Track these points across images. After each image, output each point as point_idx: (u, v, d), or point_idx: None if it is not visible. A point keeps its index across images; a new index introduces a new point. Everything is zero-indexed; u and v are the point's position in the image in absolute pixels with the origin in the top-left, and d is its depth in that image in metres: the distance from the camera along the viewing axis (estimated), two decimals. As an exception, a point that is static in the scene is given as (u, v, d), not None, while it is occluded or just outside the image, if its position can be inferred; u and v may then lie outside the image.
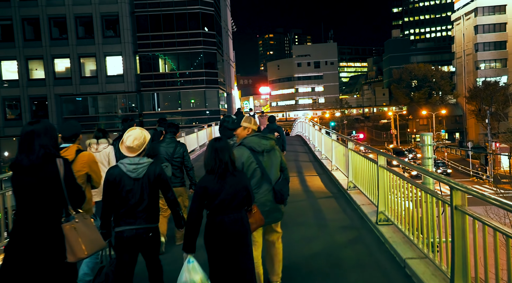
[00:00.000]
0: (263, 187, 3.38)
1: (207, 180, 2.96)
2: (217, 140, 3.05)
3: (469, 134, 57.73)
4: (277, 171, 3.49)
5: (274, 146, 3.52)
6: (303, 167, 11.18)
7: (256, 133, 3.55)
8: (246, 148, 3.40)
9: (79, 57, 36.42)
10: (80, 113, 36.92)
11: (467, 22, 56.93)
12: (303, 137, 19.17)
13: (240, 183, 3.00)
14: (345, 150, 8.02)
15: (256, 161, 3.36)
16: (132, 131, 3.10)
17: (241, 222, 2.96)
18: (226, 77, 44.58)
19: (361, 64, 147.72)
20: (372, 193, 5.91)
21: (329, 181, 8.94)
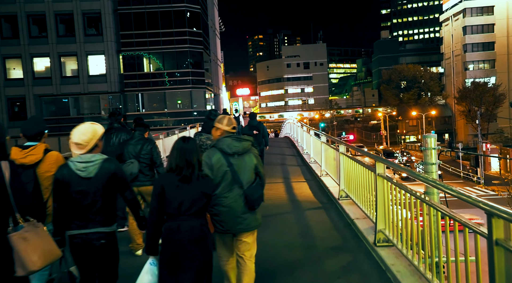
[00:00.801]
0: (233, 191, 3.17)
1: (167, 178, 2.77)
2: (186, 141, 2.85)
3: (458, 135, 57.64)
4: (251, 174, 3.24)
5: (248, 148, 3.26)
6: (290, 172, 10.23)
7: (230, 135, 3.30)
8: (217, 149, 3.22)
9: (60, 56, 35.37)
10: (61, 115, 35.79)
11: (455, 23, 56.89)
12: (292, 139, 18.26)
13: (202, 188, 2.80)
14: (335, 154, 7.09)
15: (227, 163, 3.17)
16: (80, 126, 2.90)
17: (200, 229, 2.76)
18: (213, 77, 43.70)
19: (350, 66, 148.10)
20: (368, 206, 4.98)
21: (318, 189, 7.99)
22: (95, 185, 2.78)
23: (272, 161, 12.19)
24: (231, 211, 3.15)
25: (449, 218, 2.87)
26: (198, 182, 2.80)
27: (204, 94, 37.45)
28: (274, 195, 7.56)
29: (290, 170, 10.59)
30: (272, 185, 8.50)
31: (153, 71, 36.57)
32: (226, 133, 3.32)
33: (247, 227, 3.21)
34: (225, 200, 3.15)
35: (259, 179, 3.30)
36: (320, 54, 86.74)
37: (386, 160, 4.35)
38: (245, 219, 3.18)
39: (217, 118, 3.42)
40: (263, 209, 3.58)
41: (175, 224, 2.73)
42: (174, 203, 2.73)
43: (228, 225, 3.15)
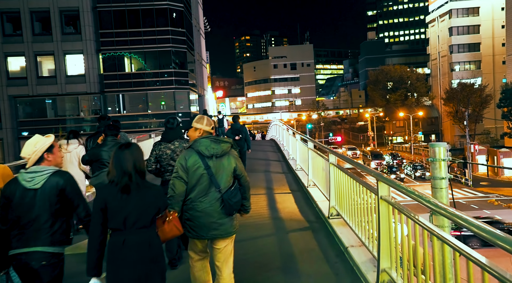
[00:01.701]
0: (210, 195, 3.04)
1: (108, 191, 2.55)
2: (122, 147, 2.64)
3: (445, 136, 57.64)
4: (229, 178, 3.11)
5: (227, 150, 3.13)
6: (274, 180, 9.20)
7: (208, 136, 3.17)
8: (194, 151, 3.09)
9: (36, 55, 34.21)
10: (37, 116, 34.66)
11: (441, 24, 56.90)
12: (277, 142, 17.26)
13: (150, 198, 2.59)
14: (325, 164, 6.09)
15: (204, 166, 3.04)
16: (29, 139, 2.81)
17: (148, 244, 2.52)
18: (198, 78, 42.64)
19: (337, 67, 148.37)
20: (365, 231, 3.99)
21: (305, 202, 6.97)
22: (41, 198, 2.61)
23: (255, 167, 11.16)
24: (206, 216, 3.01)
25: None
26: (141, 192, 2.58)
27: (188, 95, 36.39)
28: (254, 210, 6.51)
29: (274, 178, 9.57)
30: (252, 198, 7.40)
31: (134, 72, 35.46)
32: (205, 134, 3.17)
33: (222, 233, 3.05)
34: (200, 205, 3.00)
35: (238, 182, 3.16)
36: (307, 55, 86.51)
37: (391, 180, 3.35)
38: (221, 224, 3.04)
39: (195, 118, 3.25)
40: (240, 231, 3.38)
41: (119, 239, 2.50)
42: (118, 217, 2.52)
43: (202, 231, 3.01)
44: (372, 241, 3.78)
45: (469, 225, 1.99)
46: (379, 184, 3.37)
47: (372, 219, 3.78)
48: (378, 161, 43.83)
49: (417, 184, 36.18)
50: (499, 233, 1.76)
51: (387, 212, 3.33)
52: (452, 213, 2.24)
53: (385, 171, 39.03)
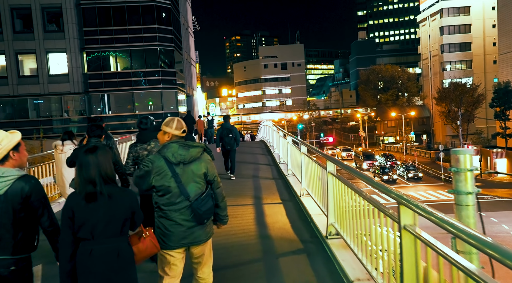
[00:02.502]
0: (179, 203, 2.85)
1: (74, 200, 2.44)
2: (86, 152, 2.46)
3: (436, 136, 57.38)
4: (199, 184, 2.92)
5: (196, 156, 2.92)
6: (263, 188, 8.28)
7: (177, 141, 2.94)
8: (161, 156, 2.88)
9: (16, 54, 33.26)
10: (18, 117, 33.51)
11: (432, 23, 56.61)
12: (268, 144, 16.34)
13: (119, 206, 2.44)
14: (321, 172, 5.20)
15: (172, 173, 2.84)
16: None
17: (117, 254, 2.40)
18: (186, 77, 41.66)
19: (328, 67, 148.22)
20: (375, 262, 3.10)
21: (298, 216, 6.07)
22: (4, 206, 2.44)
23: (242, 172, 10.24)
24: (177, 225, 2.87)
25: None
26: (110, 199, 2.42)
27: (176, 95, 35.41)
28: (239, 226, 5.60)
29: (264, 185, 8.64)
30: (238, 210, 6.55)
31: (120, 71, 34.45)
32: (174, 138, 2.98)
33: (193, 241, 2.92)
34: (170, 213, 2.86)
35: (210, 188, 2.98)
36: (297, 55, 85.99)
37: (419, 204, 2.42)
38: (192, 233, 2.90)
39: (165, 121, 3.04)
40: (221, 255, 3.37)
41: (87, 249, 2.38)
42: (86, 226, 2.40)
43: (171, 240, 2.86)
44: (388, 278, 2.90)
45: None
46: (401, 210, 2.47)
47: (387, 249, 2.90)
48: (370, 161, 43.21)
49: (410, 185, 35.64)
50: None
51: (413, 246, 2.43)
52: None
53: (377, 172, 38.41)
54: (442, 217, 2.13)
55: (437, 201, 28.78)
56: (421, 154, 48.37)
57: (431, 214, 2.23)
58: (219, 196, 3.02)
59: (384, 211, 2.92)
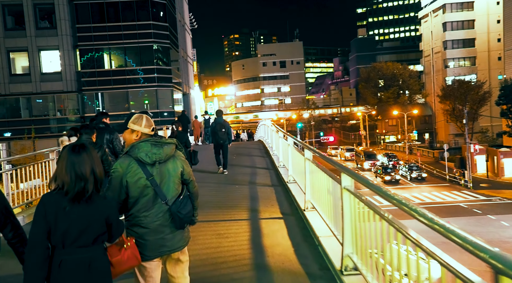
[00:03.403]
0: (156, 208, 2.61)
1: (53, 199, 2.20)
2: (76, 149, 2.26)
3: (439, 134, 56.34)
4: (176, 185, 2.70)
5: (171, 153, 2.70)
6: (261, 198, 7.24)
7: (148, 139, 2.69)
8: (132, 158, 2.63)
9: (8, 51, 32.58)
10: (10, 117, 32.73)
11: (435, 19, 55.43)
12: (266, 144, 15.30)
13: (97, 213, 2.25)
14: (333, 186, 4.18)
15: (146, 175, 2.60)
16: None
17: (88, 266, 2.20)
18: (183, 75, 40.70)
19: (327, 65, 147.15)
20: None
21: (303, 237, 5.02)
22: None
23: (238, 178, 9.21)
24: (153, 232, 2.60)
25: None
26: (90, 204, 2.23)
27: (172, 93, 34.49)
28: (231, 251, 4.58)
29: (262, 193, 7.59)
30: (231, 226, 5.54)
31: (114, 68, 33.59)
32: (144, 137, 2.72)
33: (171, 249, 2.67)
34: (145, 220, 2.59)
35: (188, 188, 2.78)
36: (296, 53, 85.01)
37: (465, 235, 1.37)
38: (171, 239, 2.65)
39: (132, 118, 2.76)
40: None
41: (56, 260, 2.19)
42: (57, 232, 2.19)
43: (147, 250, 2.58)
44: None
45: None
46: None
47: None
48: (371, 161, 42.15)
49: (413, 186, 34.62)
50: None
51: None
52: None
53: (379, 172, 37.38)
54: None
55: (443, 203, 27.77)
56: (424, 153, 47.30)
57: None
58: (195, 197, 2.85)
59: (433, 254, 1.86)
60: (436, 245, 2.00)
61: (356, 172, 3.65)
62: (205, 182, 8.94)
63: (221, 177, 9.58)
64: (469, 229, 20.85)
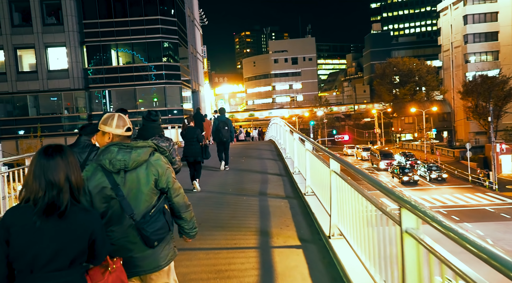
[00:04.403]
0: (123, 222, 2.30)
1: (16, 215, 1.84)
2: (49, 152, 1.91)
3: (458, 133, 54.15)
4: (148, 196, 2.33)
5: (142, 160, 2.32)
6: (273, 215, 5.95)
7: (117, 143, 2.36)
8: (98, 165, 2.33)
9: (15, 48, 31.99)
10: (18, 115, 32.23)
11: (455, 12, 53.09)
12: (278, 145, 13.99)
13: (75, 230, 1.86)
14: (368, 207, 2.86)
15: (111, 184, 2.28)
16: None
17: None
18: (192, 72, 39.69)
19: (340, 61, 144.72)
20: None
21: (331, 281, 3.71)
22: None
23: (246, 186, 7.94)
24: (122, 250, 2.29)
25: None
26: (73, 215, 1.85)
27: (180, 90, 33.53)
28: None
29: (273, 209, 6.29)
30: (234, 258, 4.30)
31: (121, 65, 32.83)
32: (117, 139, 2.39)
33: (147, 269, 2.35)
34: (112, 235, 2.30)
35: (164, 199, 2.38)
36: (308, 49, 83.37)
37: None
38: (143, 259, 2.32)
39: (102, 119, 2.45)
40: None
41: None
42: (26, 254, 1.80)
43: None
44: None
45: None
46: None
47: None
48: (388, 160, 40.41)
49: (433, 187, 32.88)
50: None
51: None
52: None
53: (396, 172, 35.71)
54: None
55: (466, 206, 26.08)
56: (444, 152, 45.29)
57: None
58: (179, 205, 2.42)
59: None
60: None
61: (388, 185, 2.32)
62: (207, 191, 7.71)
63: (226, 183, 8.36)
64: (498, 236, 19.19)
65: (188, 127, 7.83)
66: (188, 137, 7.69)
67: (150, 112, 4.45)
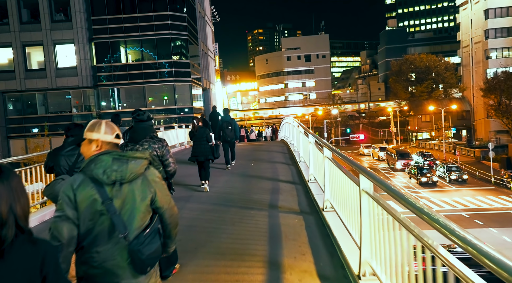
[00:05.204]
0: (112, 243, 1.98)
1: None
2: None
3: (478, 131, 52.14)
4: (143, 214, 2.03)
5: (139, 171, 2.04)
6: (286, 237, 4.90)
7: (110, 151, 2.07)
8: (86, 176, 2.02)
9: (24, 46, 31.48)
10: (27, 113, 31.99)
11: (475, 6, 51.03)
12: (291, 147, 12.92)
13: (23, 266, 1.48)
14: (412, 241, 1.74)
15: (102, 198, 1.98)
16: None
17: None
18: (203, 70, 38.81)
19: (353, 59, 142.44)
20: None
21: None
22: None
23: (254, 197, 6.91)
24: (106, 274, 1.98)
25: None
26: (18, 252, 1.46)
27: (190, 88, 32.68)
28: None
29: (286, 229, 5.22)
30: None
31: (130, 62, 32.15)
32: (106, 148, 2.10)
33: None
34: (97, 257, 1.97)
35: (160, 220, 2.12)
36: (322, 46, 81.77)
37: None
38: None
39: (88, 126, 2.17)
40: None
41: None
42: None
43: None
44: None
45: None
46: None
47: None
48: (405, 160, 38.87)
49: (453, 189, 31.35)
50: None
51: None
52: None
53: (414, 173, 34.23)
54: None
55: (490, 210, 24.58)
56: (463, 152, 43.50)
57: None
58: (172, 226, 2.17)
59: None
60: None
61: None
62: (210, 202, 6.69)
63: (232, 192, 7.34)
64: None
65: (198, 128, 8.07)
66: (198, 137, 7.88)
67: (137, 112, 4.10)
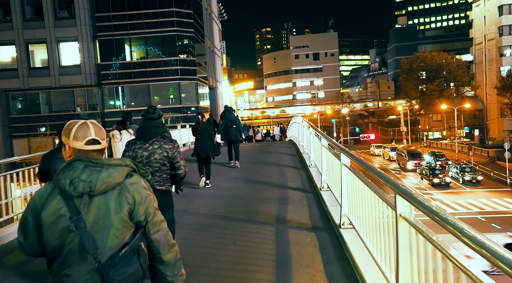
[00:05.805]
0: (83, 264, 1.70)
1: None
2: None
3: (491, 131, 50.73)
4: (118, 232, 1.74)
5: (114, 182, 1.74)
6: (296, 262, 4.08)
7: (81, 157, 1.77)
8: (53, 187, 1.77)
9: (27, 43, 31.12)
10: (30, 112, 31.49)
11: (489, 3, 49.59)
12: (300, 148, 12.06)
13: None
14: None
15: (70, 213, 1.71)
16: None
17: None
18: (209, 68, 38.06)
19: (362, 57, 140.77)
20: None
21: None
22: None
23: (260, 208, 6.09)
24: None
25: None
26: None
27: (196, 87, 31.96)
28: None
29: (296, 253, 4.36)
30: None
31: (135, 60, 31.58)
32: (79, 154, 1.79)
33: None
34: (68, 281, 1.71)
35: (141, 235, 1.77)
36: (330, 44, 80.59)
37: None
38: None
39: (64, 128, 1.84)
40: None
41: None
42: None
43: None
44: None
45: None
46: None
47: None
48: (416, 161, 37.75)
49: (467, 190, 30.24)
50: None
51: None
52: None
53: (425, 173, 33.15)
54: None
55: (508, 213, 23.50)
56: (477, 152, 42.21)
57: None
58: (160, 244, 1.79)
59: None
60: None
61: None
62: (209, 213, 5.87)
63: (235, 204, 6.52)
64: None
65: (202, 124, 7.92)
66: (200, 133, 7.69)
67: (147, 110, 3.92)
